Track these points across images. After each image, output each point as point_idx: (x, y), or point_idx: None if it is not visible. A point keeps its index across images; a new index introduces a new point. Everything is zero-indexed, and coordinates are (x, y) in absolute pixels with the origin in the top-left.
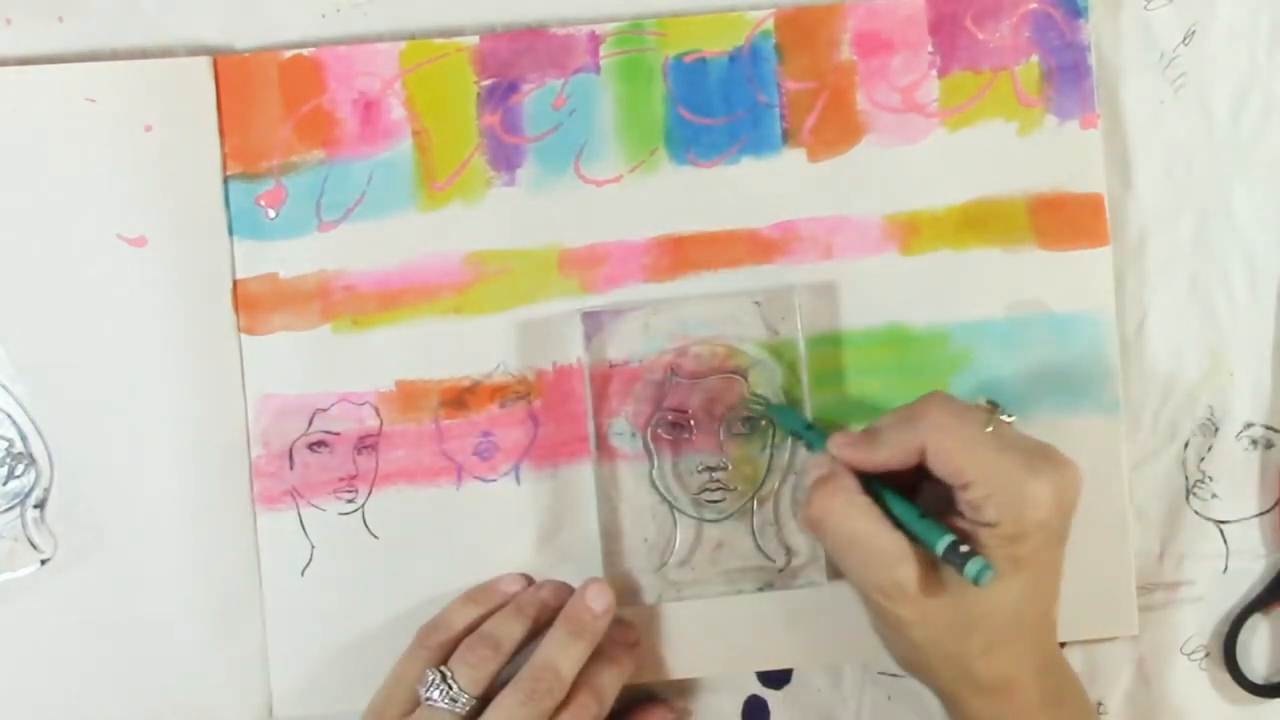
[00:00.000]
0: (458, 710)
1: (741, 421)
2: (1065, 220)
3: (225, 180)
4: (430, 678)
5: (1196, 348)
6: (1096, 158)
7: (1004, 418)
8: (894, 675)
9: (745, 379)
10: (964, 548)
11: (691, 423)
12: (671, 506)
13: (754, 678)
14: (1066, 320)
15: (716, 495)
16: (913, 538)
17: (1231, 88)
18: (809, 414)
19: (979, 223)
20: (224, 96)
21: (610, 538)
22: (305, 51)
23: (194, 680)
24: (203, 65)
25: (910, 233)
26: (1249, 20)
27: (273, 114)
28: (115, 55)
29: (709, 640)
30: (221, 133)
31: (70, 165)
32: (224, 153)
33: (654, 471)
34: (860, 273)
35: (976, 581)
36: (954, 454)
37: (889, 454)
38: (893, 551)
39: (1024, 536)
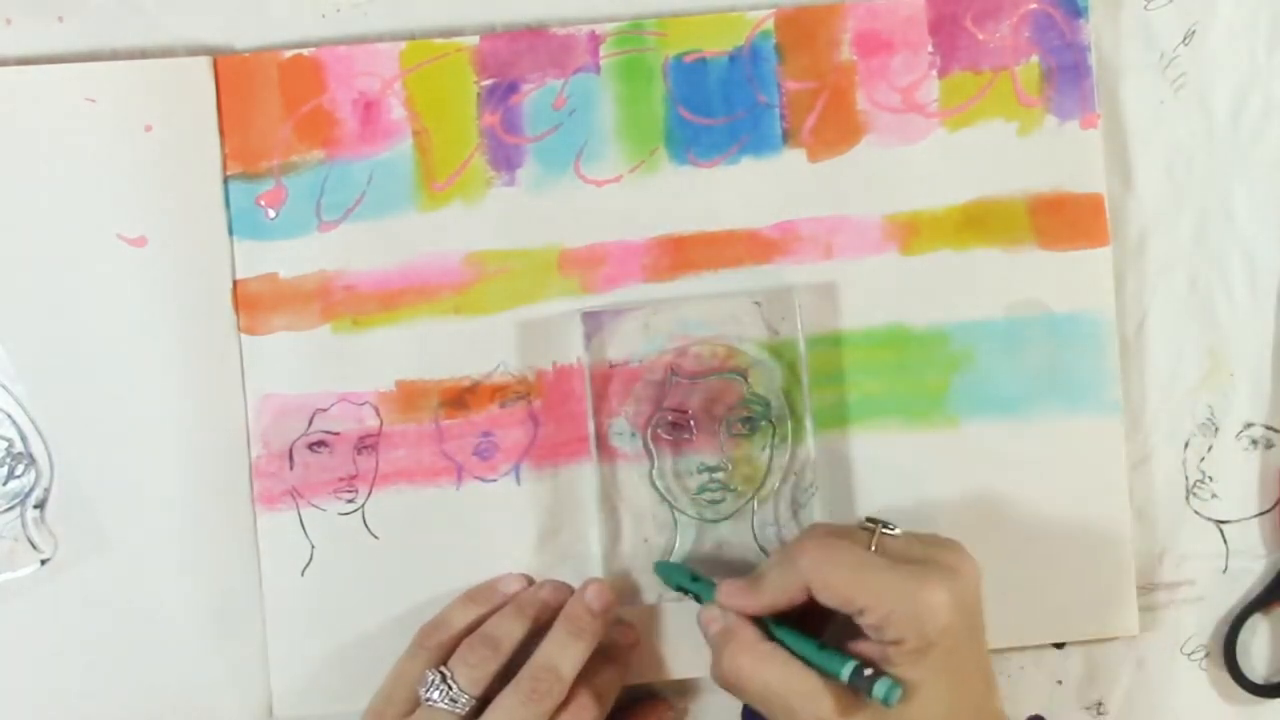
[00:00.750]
0: (457, 710)
1: (741, 422)
2: (1065, 220)
3: (225, 180)
4: (430, 678)
5: (1196, 348)
6: (1096, 158)
7: (886, 531)
8: None
9: (745, 379)
10: (868, 671)
11: (691, 423)
12: (671, 506)
13: None
14: (1067, 320)
15: (716, 495)
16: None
17: (1231, 88)
18: (809, 414)
19: (979, 223)
20: (224, 96)
21: (610, 538)
22: (305, 51)
23: (194, 680)
24: (203, 65)
25: (910, 233)
26: (1249, 20)
27: (273, 114)
28: (115, 55)
29: None
30: (221, 133)
31: (70, 165)
32: (224, 153)
33: (654, 471)
34: (860, 273)
35: (886, 702)
36: (839, 585)
37: (773, 597)
38: (807, 691)
39: (931, 646)
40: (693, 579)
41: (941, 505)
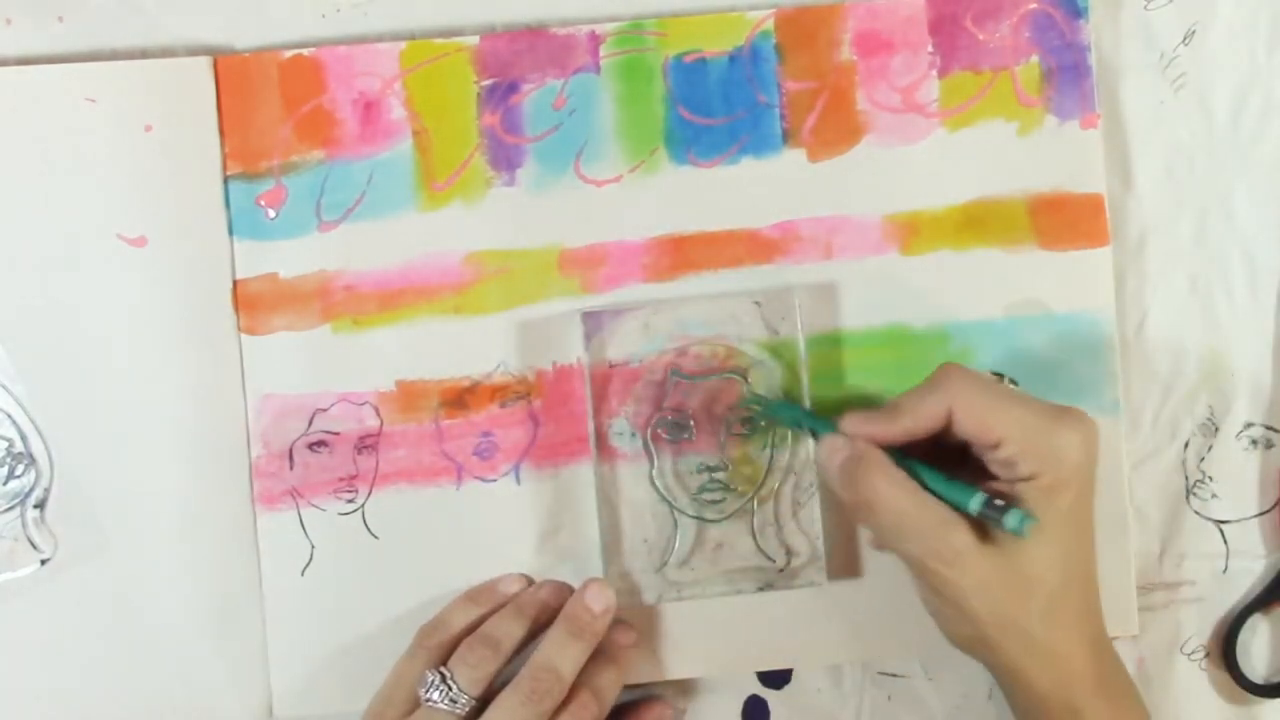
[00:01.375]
0: (457, 711)
1: (741, 422)
2: (1065, 220)
3: (225, 180)
4: (430, 678)
5: (1196, 348)
6: (1096, 158)
7: (1011, 385)
8: (894, 675)
9: (745, 379)
10: (999, 501)
11: (691, 423)
12: (671, 506)
13: (754, 678)
14: (1066, 320)
15: (716, 495)
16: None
17: (1231, 88)
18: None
19: (979, 223)
20: (224, 96)
21: (610, 538)
22: (305, 51)
23: (194, 680)
24: (203, 65)
25: (910, 233)
26: (1249, 20)
27: (273, 114)
28: (115, 55)
29: (709, 640)
30: (221, 133)
31: (70, 165)
32: (224, 153)
33: (654, 471)
34: (860, 273)
35: (1018, 531)
36: (983, 412)
37: (912, 422)
38: (946, 518)
39: (1062, 486)
40: (811, 416)
41: None
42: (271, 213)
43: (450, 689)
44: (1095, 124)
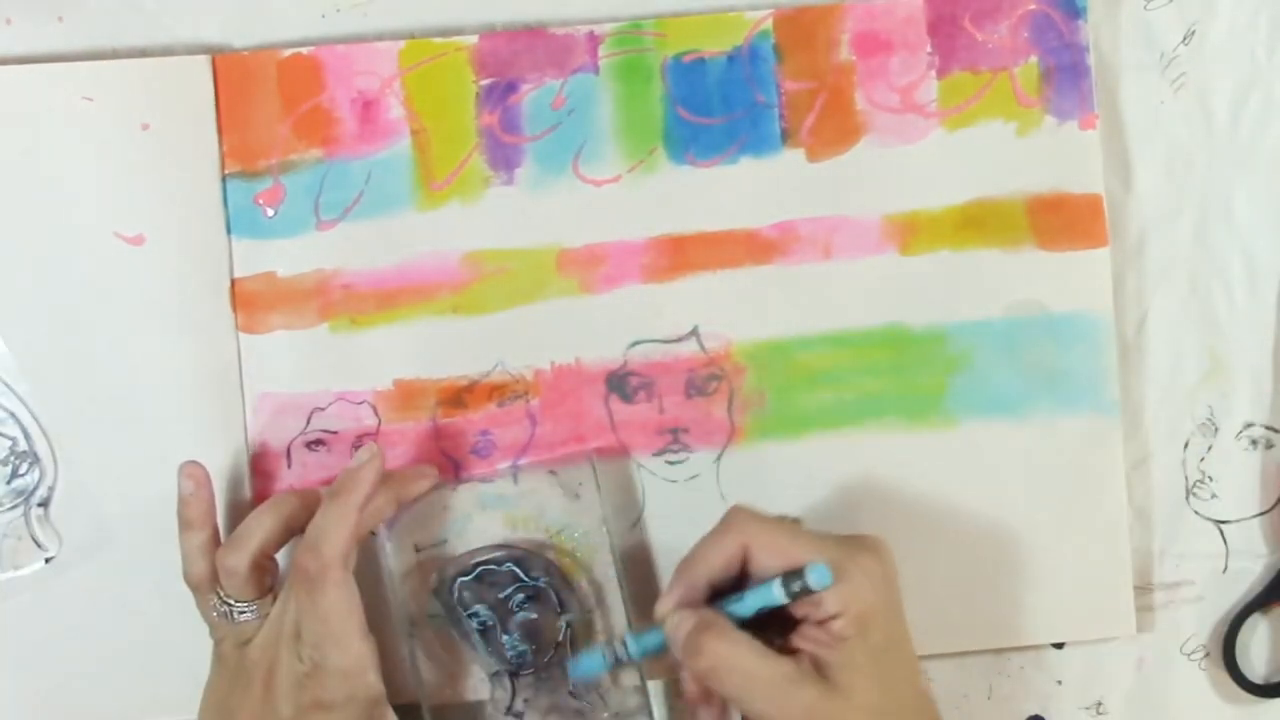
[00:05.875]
0: (243, 620)
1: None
2: (1064, 221)
3: (223, 179)
4: (211, 601)
5: (1196, 348)
6: (1095, 158)
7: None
8: None
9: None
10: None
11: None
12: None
13: None
14: (1065, 320)
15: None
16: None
17: (1231, 88)
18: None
19: (978, 223)
20: (222, 95)
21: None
22: (304, 50)
23: (196, 677)
24: (201, 64)
25: (909, 233)
26: (1249, 20)
27: (271, 113)
28: (114, 54)
29: None
30: (220, 131)
31: (68, 164)
32: (222, 151)
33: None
34: (859, 273)
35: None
36: (779, 546)
37: (707, 568)
38: (790, 674)
39: (869, 615)
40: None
41: (940, 505)
42: (270, 211)
43: (228, 605)
44: (1094, 124)
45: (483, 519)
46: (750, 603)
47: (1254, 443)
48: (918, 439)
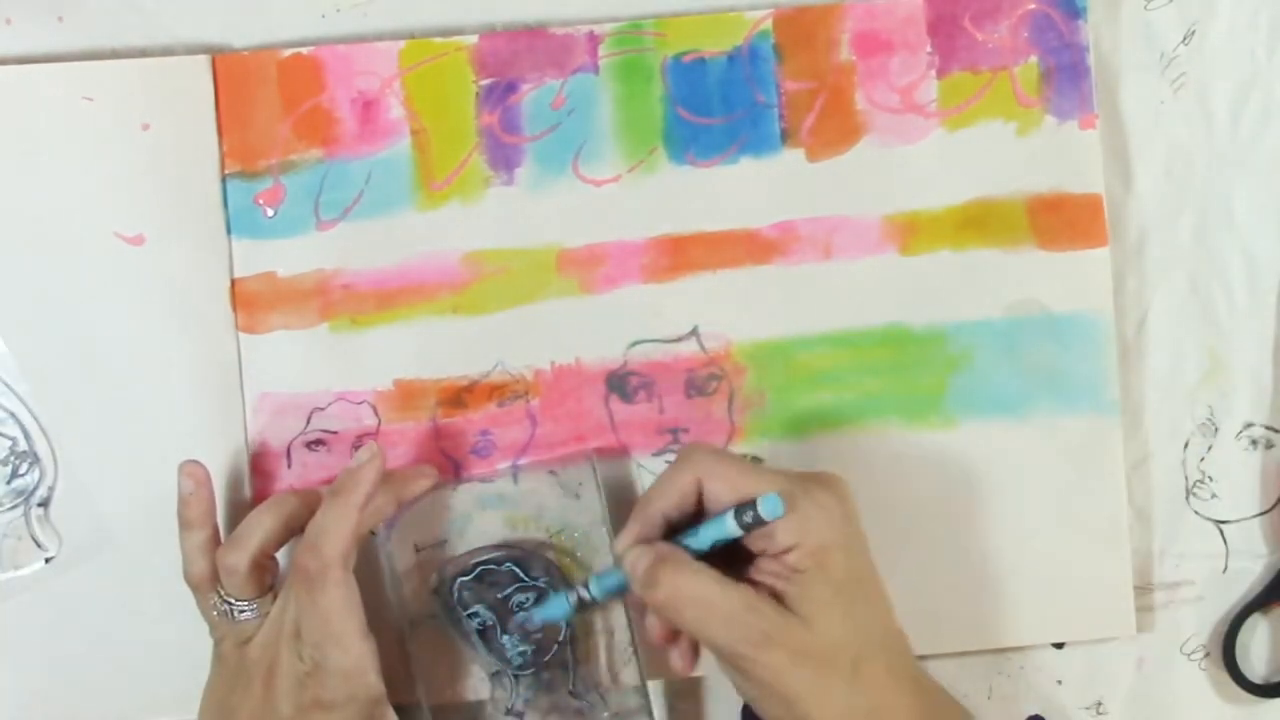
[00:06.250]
0: (242, 619)
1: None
2: (1064, 221)
3: (223, 179)
4: (212, 600)
5: (1196, 348)
6: (1095, 158)
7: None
8: None
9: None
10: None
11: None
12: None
13: None
14: (1065, 321)
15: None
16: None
17: (1231, 88)
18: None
19: (978, 223)
20: (222, 95)
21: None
22: (304, 50)
23: (196, 677)
24: (201, 64)
25: (909, 233)
26: (1249, 20)
27: (271, 113)
28: (114, 54)
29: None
30: (220, 131)
31: (68, 164)
32: (222, 151)
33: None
34: (859, 273)
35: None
36: (735, 480)
37: (663, 500)
38: (750, 602)
39: (826, 549)
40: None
41: (939, 505)
42: (270, 211)
43: (227, 604)
44: (1094, 124)
45: (483, 519)
46: (705, 536)
47: (1254, 443)
48: (918, 439)
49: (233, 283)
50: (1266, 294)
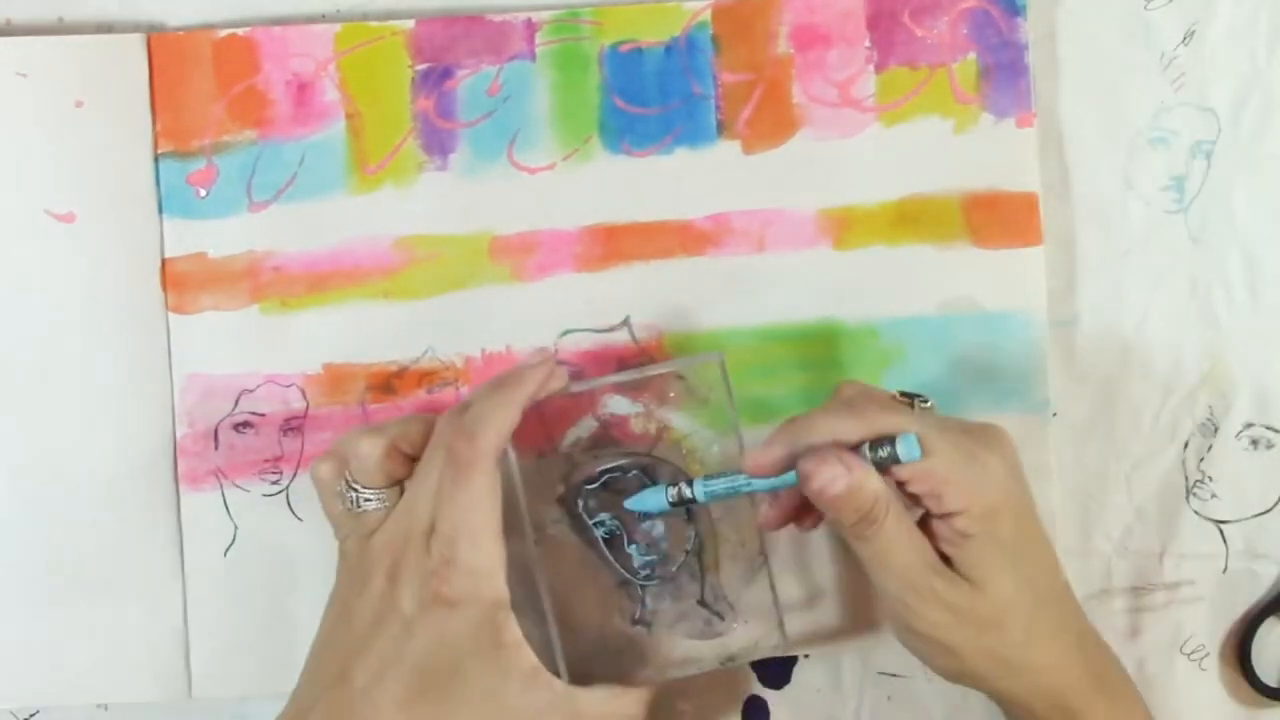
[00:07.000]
0: (366, 508)
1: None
2: (999, 219)
3: (156, 158)
4: (338, 488)
5: (1196, 348)
6: (1031, 156)
7: (924, 405)
8: (894, 675)
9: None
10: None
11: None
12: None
13: (754, 677)
14: (998, 319)
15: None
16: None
17: (1231, 88)
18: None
19: (913, 219)
20: (156, 74)
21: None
22: (239, 31)
23: (113, 659)
24: (135, 42)
25: (843, 227)
26: (1249, 20)
27: (205, 93)
28: (48, 30)
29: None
30: (153, 110)
31: (0, 139)
32: (155, 131)
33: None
34: (792, 266)
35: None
36: (874, 414)
37: (826, 425)
38: (930, 560)
39: (995, 512)
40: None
41: None
42: (202, 192)
43: (354, 490)
44: (1031, 122)
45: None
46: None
47: (1254, 443)
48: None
49: (163, 263)
50: (1266, 294)
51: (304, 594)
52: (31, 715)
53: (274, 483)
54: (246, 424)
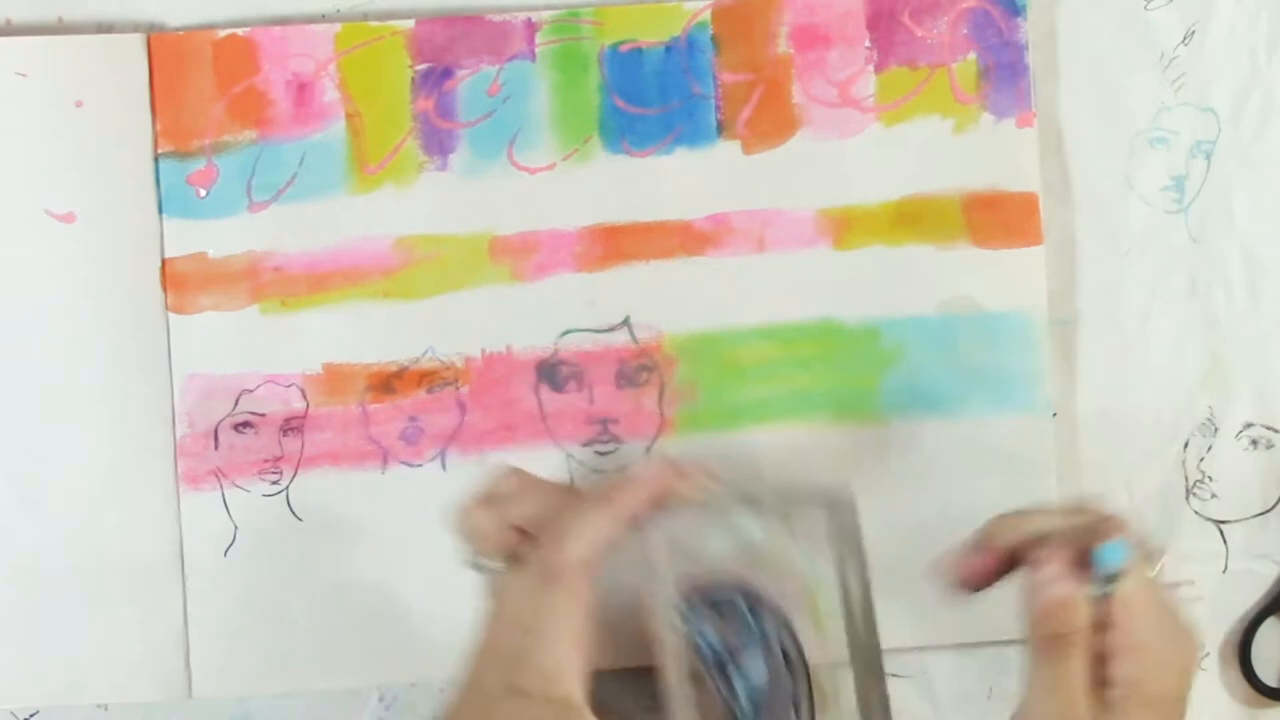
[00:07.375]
0: (492, 571)
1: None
2: (999, 219)
3: (156, 158)
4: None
5: (1196, 348)
6: (1031, 156)
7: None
8: (894, 675)
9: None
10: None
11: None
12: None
13: None
14: (998, 319)
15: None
16: None
17: (1231, 88)
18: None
19: (913, 219)
20: (156, 74)
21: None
22: (239, 31)
23: (114, 658)
24: (135, 42)
25: (843, 227)
26: (1249, 20)
27: (205, 93)
28: (48, 30)
29: None
30: (153, 110)
31: (0, 139)
32: (155, 131)
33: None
34: (792, 266)
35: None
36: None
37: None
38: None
39: (1160, 701)
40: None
41: (871, 502)
42: (202, 192)
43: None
44: (1031, 122)
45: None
46: None
47: (1254, 443)
48: (849, 435)
49: (163, 263)
50: (1266, 294)
51: (304, 594)
52: (31, 715)
53: (274, 483)
54: (246, 424)
